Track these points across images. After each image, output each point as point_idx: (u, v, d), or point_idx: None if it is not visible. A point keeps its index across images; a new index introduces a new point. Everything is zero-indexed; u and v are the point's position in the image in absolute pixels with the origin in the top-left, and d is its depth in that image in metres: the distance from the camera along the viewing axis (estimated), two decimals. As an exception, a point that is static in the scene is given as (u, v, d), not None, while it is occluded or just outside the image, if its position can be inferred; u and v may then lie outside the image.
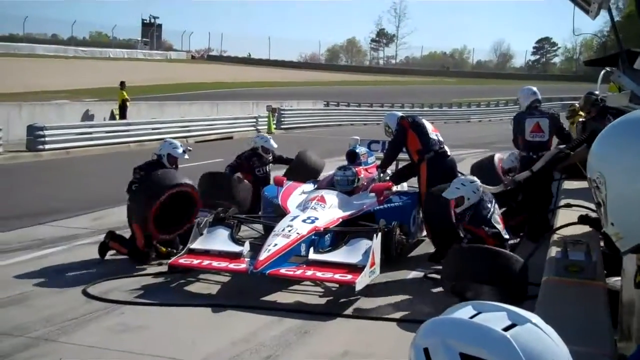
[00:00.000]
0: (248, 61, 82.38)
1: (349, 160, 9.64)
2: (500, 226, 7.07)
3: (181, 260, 7.21)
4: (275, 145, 10.36)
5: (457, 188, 7.30)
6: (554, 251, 4.74)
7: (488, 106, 46.47)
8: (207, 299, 6.86)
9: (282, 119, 30.92)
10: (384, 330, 6.11)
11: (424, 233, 8.89)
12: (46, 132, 18.93)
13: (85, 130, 21.02)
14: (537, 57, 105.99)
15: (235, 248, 7.37)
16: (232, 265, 7.05)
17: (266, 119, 29.04)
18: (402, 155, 9.40)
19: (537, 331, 1.21)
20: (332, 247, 7.37)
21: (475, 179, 7.47)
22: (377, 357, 5.47)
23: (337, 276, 6.70)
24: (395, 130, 9.08)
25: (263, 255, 6.88)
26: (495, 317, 1.23)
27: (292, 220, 7.54)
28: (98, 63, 56.86)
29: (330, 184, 8.79)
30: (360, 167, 9.25)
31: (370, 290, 6.93)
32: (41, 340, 5.63)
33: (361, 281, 6.56)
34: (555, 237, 5.33)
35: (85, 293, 6.86)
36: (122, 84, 25.62)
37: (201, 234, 7.62)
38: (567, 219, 5.76)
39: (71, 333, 5.82)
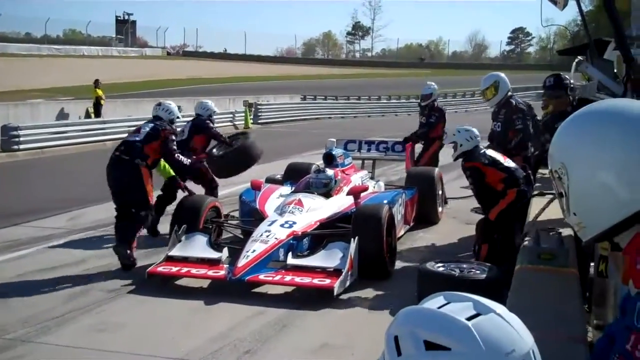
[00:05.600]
0: (224, 56, 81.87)
1: (326, 162, 9.64)
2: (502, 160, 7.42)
3: (160, 269, 7.18)
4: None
5: (453, 134, 7.62)
6: (526, 240, 4.82)
7: (464, 96, 46.60)
8: (187, 294, 6.88)
9: (259, 114, 30.85)
10: (363, 322, 6.17)
11: (402, 232, 9.04)
12: (20, 132, 18.73)
13: (60, 130, 20.81)
14: (512, 47, 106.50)
15: (214, 254, 7.36)
16: (210, 272, 7.07)
17: (243, 114, 28.98)
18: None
19: (499, 321, 1.25)
20: (310, 251, 7.42)
21: (471, 128, 7.65)
22: (356, 349, 5.52)
23: (315, 281, 6.77)
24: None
25: (242, 262, 6.91)
26: (461, 307, 1.27)
27: (270, 225, 7.54)
28: (72, 61, 56.22)
29: (307, 187, 8.73)
30: (337, 169, 9.28)
31: (353, 282, 7.01)
32: (18, 342, 5.60)
33: (339, 285, 6.65)
34: (528, 226, 5.40)
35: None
36: (97, 82, 25.44)
37: (179, 241, 7.58)
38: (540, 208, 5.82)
39: (49, 334, 5.80)
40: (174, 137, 8.28)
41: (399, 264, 7.89)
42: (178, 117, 8.71)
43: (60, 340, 5.67)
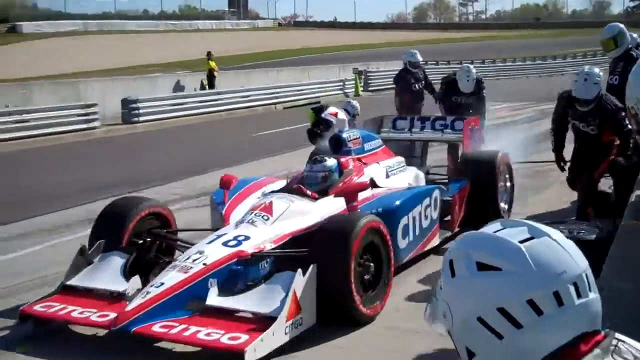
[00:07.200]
0: (334, 25, 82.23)
1: (333, 148, 7.08)
2: None
3: (36, 307, 5.13)
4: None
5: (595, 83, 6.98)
6: (634, 197, 4.67)
7: (585, 57, 44.68)
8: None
9: (369, 81, 30.78)
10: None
11: (437, 242, 6.84)
12: (140, 105, 19.57)
13: (178, 102, 21.61)
14: (637, 2, 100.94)
15: (120, 285, 5.26)
16: (95, 317, 4.94)
17: (353, 82, 29.05)
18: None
19: (552, 244, 1.29)
20: (262, 280, 5.21)
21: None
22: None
23: (224, 340, 4.56)
24: None
25: (133, 304, 4.79)
26: (516, 232, 1.33)
27: (209, 243, 5.36)
28: (188, 35, 58.02)
29: (300, 183, 6.38)
30: (349, 157, 6.83)
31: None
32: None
33: (256, 347, 4.47)
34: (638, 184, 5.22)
35: None
36: (209, 54, 26.13)
37: (90, 263, 5.56)
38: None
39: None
40: None
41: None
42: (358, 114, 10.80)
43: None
